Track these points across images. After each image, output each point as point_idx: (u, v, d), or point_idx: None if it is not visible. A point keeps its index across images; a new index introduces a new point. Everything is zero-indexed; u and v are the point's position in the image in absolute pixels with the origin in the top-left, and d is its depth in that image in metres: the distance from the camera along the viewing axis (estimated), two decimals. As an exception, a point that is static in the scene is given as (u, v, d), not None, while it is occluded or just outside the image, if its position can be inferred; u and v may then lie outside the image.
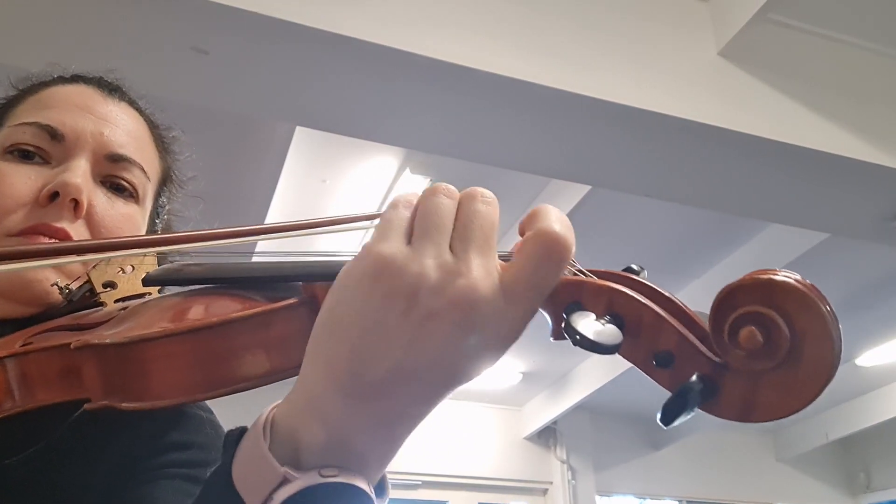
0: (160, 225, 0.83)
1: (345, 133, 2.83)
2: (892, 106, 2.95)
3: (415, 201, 0.45)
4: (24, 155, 0.71)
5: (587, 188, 3.52)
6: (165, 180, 0.84)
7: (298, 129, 3.08)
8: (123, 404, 0.50)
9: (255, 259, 0.59)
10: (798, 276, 0.40)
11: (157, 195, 0.83)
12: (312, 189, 3.89)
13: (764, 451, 7.04)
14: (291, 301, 0.50)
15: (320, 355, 0.44)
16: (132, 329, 0.52)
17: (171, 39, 2.22)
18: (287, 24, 2.16)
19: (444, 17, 2.39)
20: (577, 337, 0.41)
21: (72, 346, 0.53)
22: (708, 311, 0.43)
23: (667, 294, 0.45)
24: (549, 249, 0.43)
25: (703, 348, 0.41)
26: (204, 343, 0.49)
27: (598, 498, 6.73)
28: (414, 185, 3.71)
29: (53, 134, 0.72)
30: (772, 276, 0.39)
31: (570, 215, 3.72)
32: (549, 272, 0.43)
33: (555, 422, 6.36)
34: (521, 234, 0.45)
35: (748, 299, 0.40)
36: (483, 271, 0.42)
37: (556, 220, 0.44)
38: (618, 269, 0.48)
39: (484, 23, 2.45)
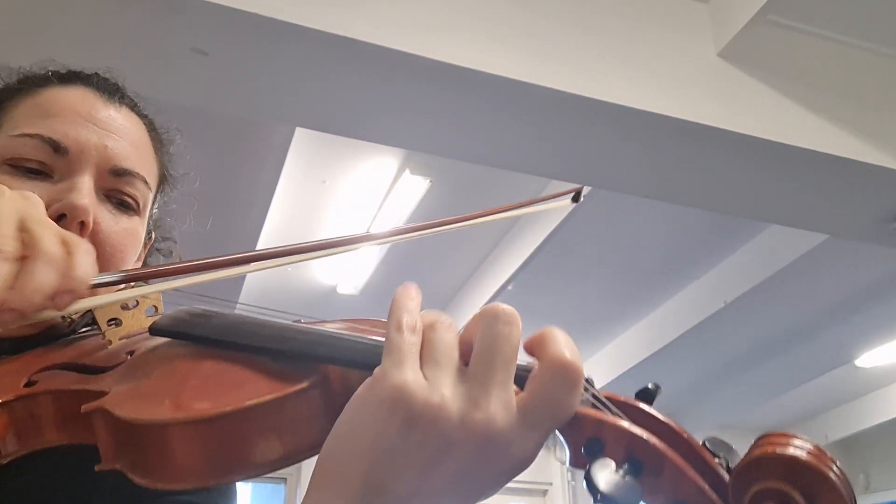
0: (150, 222, 0.82)
1: (345, 134, 2.83)
2: (892, 107, 2.95)
3: (417, 322, 0.45)
4: (25, 170, 0.69)
5: (587, 188, 3.52)
6: (161, 181, 0.83)
7: (298, 130, 3.08)
8: (135, 477, 0.49)
9: (263, 318, 0.58)
10: (814, 449, 0.40)
11: (154, 198, 0.82)
12: (312, 190, 3.89)
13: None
14: (304, 385, 0.50)
15: (331, 479, 0.43)
16: (143, 397, 0.52)
17: (170, 41, 2.22)
18: (287, 26, 2.16)
19: (445, 19, 2.40)
20: (599, 495, 0.41)
21: (82, 410, 0.52)
22: (714, 435, 0.45)
23: (686, 436, 0.45)
24: (563, 379, 0.43)
25: None
26: (218, 431, 0.48)
27: (597, 499, 6.72)
28: (414, 185, 3.71)
29: (57, 147, 0.70)
30: (794, 452, 0.39)
31: (570, 216, 3.73)
32: (564, 401, 0.43)
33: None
34: (528, 352, 0.45)
35: (769, 474, 0.40)
36: (501, 403, 0.42)
37: (565, 345, 0.44)
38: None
39: (483, 24, 2.45)
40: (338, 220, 4.16)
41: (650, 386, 0.48)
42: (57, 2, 2.10)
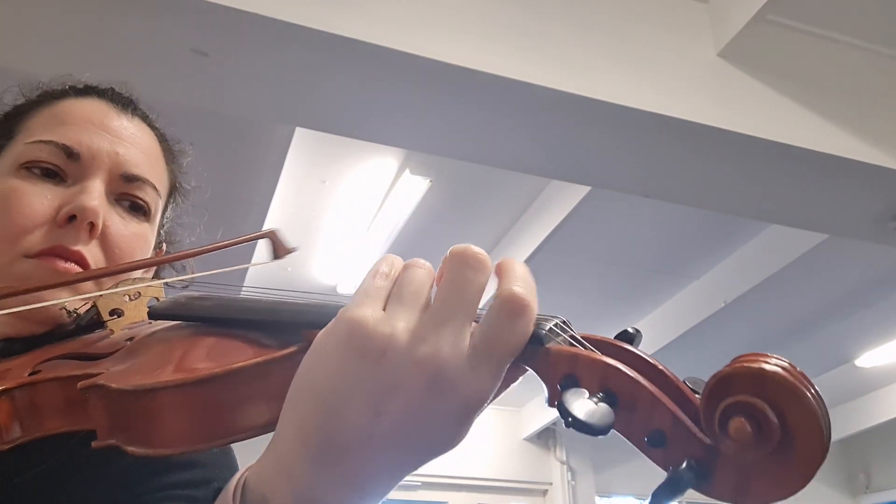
0: (162, 232, 0.85)
1: (344, 134, 2.83)
2: (892, 106, 2.95)
3: (391, 271, 0.47)
4: (39, 173, 0.72)
5: (587, 188, 3.52)
6: (172, 191, 0.86)
7: (298, 130, 3.08)
8: (129, 448, 0.51)
9: (258, 295, 0.60)
10: (787, 364, 0.40)
11: (165, 207, 0.84)
12: (312, 190, 3.89)
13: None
14: (291, 350, 0.51)
15: (292, 418, 0.44)
16: (137, 371, 0.53)
17: (170, 41, 2.22)
18: (287, 26, 2.16)
19: (445, 19, 2.40)
20: (570, 419, 0.40)
21: (78, 386, 0.54)
22: (702, 377, 0.44)
23: (661, 367, 0.45)
24: (509, 311, 0.43)
25: (696, 431, 0.41)
26: (206, 394, 0.49)
27: (597, 499, 6.73)
28: (414, 185, 3.71)
29: (70, 153, 0.73)
30: (762, 366, 0.39)
31: (570, 215, 3.73)
32: (511, 333, 0.43)
33: (554, 423, 6.36)
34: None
35: (738, 388, 0.40)
36: (453, 339, 0.42)
37: (519, 278, 0.44)
38: (613, 332, 0.48)
39: (483, 24, 2.45)
40: (338, 220, 4.16)
41: (630, 329, 0.48)
42: (57, 2, 2.10)
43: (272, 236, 0.73)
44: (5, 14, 2.12)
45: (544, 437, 6.60)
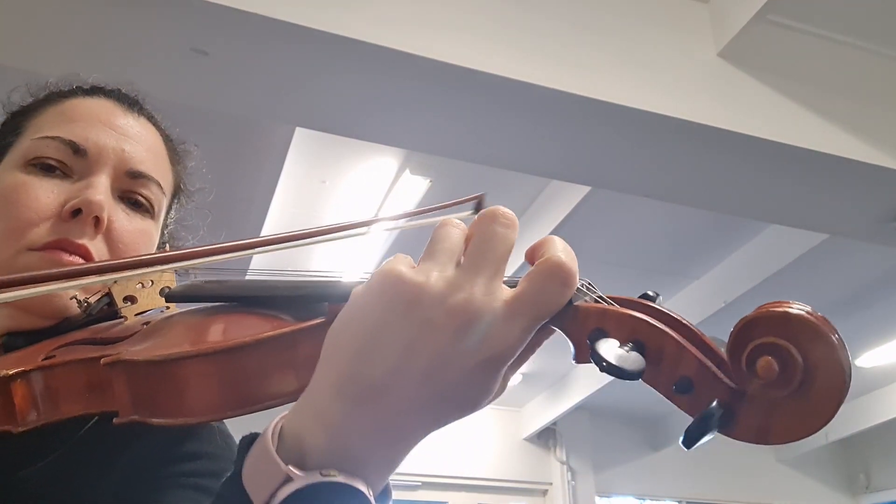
0: (166, 233, 0.85)
1: (344, 134, 2.83)
2: (892, 107, 2.95)
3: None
4: (46, 168, 0.73)
5: (587, 188, 3.52)
6: (176, 191, 0.86)
7: (298, 130, 3.08)
8: (153, 420, 0.51)
9: (272, 277, 0.60)
10: (810, 309, 0.42)
11: (169, 207, 0.85)
12: (312, 190, 3.89)
13: (764, 451, 7.04)
14: (319, 321, 0.51)
15: (328, 367, 0.46)
16: (162, 346, 0.53)
17: (170, 41, 2.22)
18: (287, 26, 2.16)
19: (445, 19, 2.40)
20: (604, 364, 0.43)
21: (102, 361, 0.54)
22: (719, 336, 0.46)
23: (685, 321, 0.47)
24: (553, 275, 0.45)
25: (721, 375, 0.43)
26: (235, 362, 0.50)
27: (597, 499, 6.73)
28: (413, 185, 3.71)
29: (76, 149, 0.74)
30: (787, 309, 0.42)
31: (570, 215, 3.73)
32: (551, 295, 0.45)
33: (554, 423, 6.36)
34: (529, 260, 0.47)
35: (765, 331, 0.42)
36: (484, 289, 0.44)
37: (562, 249, 0.46)
38: (633, 296, 0.50)
39: (483, 24, 2.45)
40: (338, 220, 4.15)
41: (650, 292, 0.50)
42: (58, 2, 2.10)
43: (482, 200, 0.72)
44: (7, 13, 2.12)
45: (544, 437, 6.59)
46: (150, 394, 0.51)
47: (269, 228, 3.84)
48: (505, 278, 0.47)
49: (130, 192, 0.76)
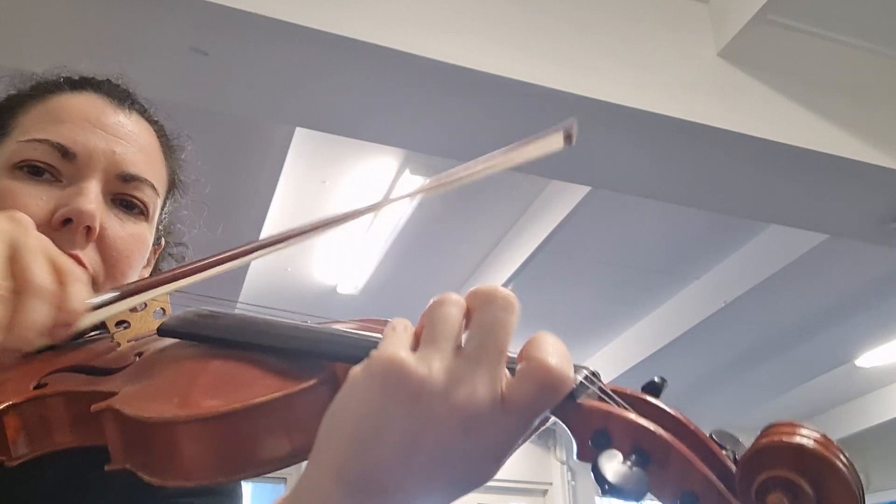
0: (161, 228, 0.83)
1: (344, 134, 2.83)
2: (892, 107, 2.95)
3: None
4: (34, 171, 0.70)
5: (587, 188, 3.52)
6: (171, 186, 0.84)
7: (298, 130, 3.08)
8: (145, 475, 0.50)
9: (271, 318, 0.58)
10: (821, 437, 0.40)
11: (164, 203, 0.82)
12: (312, 190, 3.89)
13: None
14: (313, 382, 0.50)
15: (326, 454, 0.45)
16: (153, 397, 0.52)
17: (170, 40, 2.22)
18: (287, 25, 2.16)
19: (445, 19, 2.40)
20: (606, 486, 0.41)
21: (92, 409, 0.53)
22: (724, 429, 0.45)
23: (691, 426, 0.45)
24: (542, 382, 0.43)
25: (727, 496, 0.42)
26: (227, 428, 0.49)
27: (597, 499, 6.73)
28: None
29: (65, 153, 0.71)
30: (801, 441, 0.40)
31: (570, 215, 3.73)
32: (544, 399, 0.43)
33: (554, 422, 6.35)
34: (519, 359, 0.45)
35: (776, 462, 0.40)
36: (489, 382, 0.43)
37: (552, 351, 0.44)
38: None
39: (483, 24, 2.45)
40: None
41: (656, 379, 0.48)
42: (57, 2, 2.10)
43: (571, 129, 0.64)
44: (4, 13, 2.12)
45: (544, 437, 6.59)
46: (141, 448, 0.50)
47: (269, 228, 3.83)
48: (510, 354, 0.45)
49: (123, 195, 0.74)
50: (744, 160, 2.80)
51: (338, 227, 0.63)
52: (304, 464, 0.48)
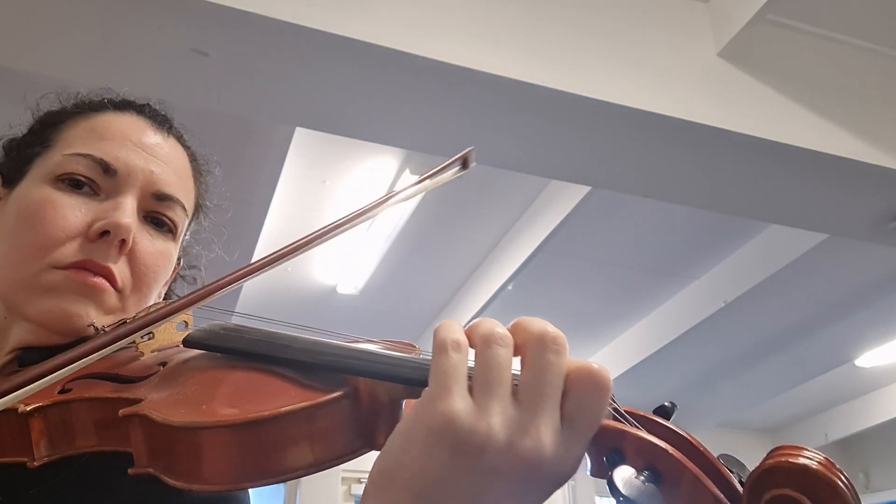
0: (181, 247, 0.86)
1: (344, 134, 2.83)
2: (892, 107, 2.95)
3: (462, 340, 0.45)
4: (74, 184, 0.73)
5: (587, 188, 3.52)
6: (196, 209, 0.87)
7: (298, 130, 3.08)
8: (168, 479, 0.51)
9: (295, 334, 0.60)
10: (823, 459, 0.43)
11: (188, 224, 0.86)
12: (312, 190, 3.89)
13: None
14: (337, 394, 0.51)
15: (385, 495, 0.44)
16: (181, 404, 0.53)
17: (171, 41, 2.22)
18: (287, 26, 2.16)
19: (444, 19, 2.40)
20: (620, 498, 0.43)
21: (120, 413, 0.54)
22: (724, 453, 0.48)
23: (701, 447, 0.47)
24: (596, 388, 0.44)
25: None
26: (254, 435, 0.50)
27: (597, 499, 6.73)
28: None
29: (106, 168, 0.74)
30: (805, 462, 0.43)
31: (570, 215, 3.73)
32: (599, 414, 0.44)
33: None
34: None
35: (782, 482, 0.43)
36: (550, 430, 0.43)
37: (588, 363, 0.45)
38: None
39: (483, 24, 2.45)
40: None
41: (667, 404, 0.50)
42: (58, 3, 2.10)
43: (469, 155, 0.70)
44: (7, 14, 2.12)
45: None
46: (166, 453, 0.52)
47: (268, 229, 3.84)
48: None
49: (155, 213, 0.77)
50: (744, 160, 2.80)
51: (332, 235, 0.65)
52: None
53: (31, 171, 0.76)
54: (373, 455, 0.51)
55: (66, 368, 0.52)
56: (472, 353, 0.46)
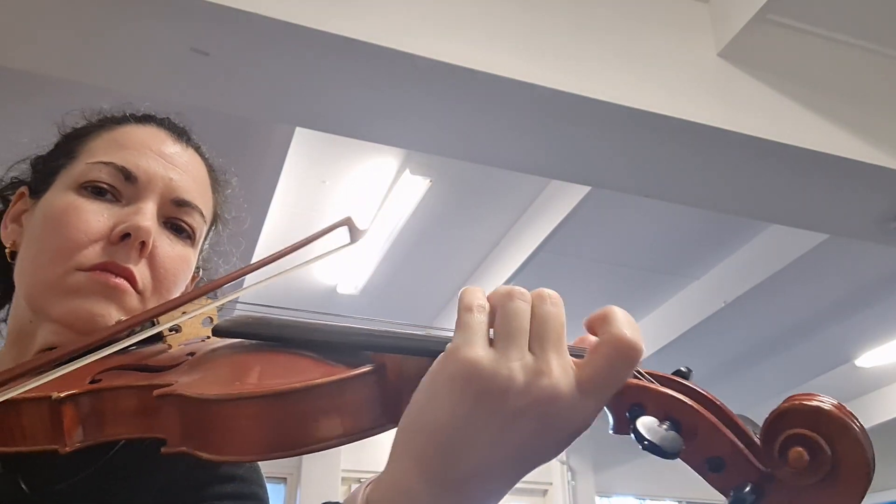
0: (200, 258, 0.89)
1: (344, 134, 2.83)
2: (892, 106, 2.95)
3: (485, 303, 0.49)
4: (97, 191, 0.77)
5: (587, 188, 3.52)
6: (215, 219, 0.91)
7: (298, 129, 3.08)
8: (201, 453, 0.53)
9: (319, 320, 0.63)
10: (837, 403, 0.46)
11: (207, 233, 0.89)
12: (312, 190, 3.89)
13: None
14: (366, 369, 0.54)
15: (410, 451, 0.48)
16: (214, 383, 0.56)
17: (171, 41, 2.22)
18: (287, 26, 2.16)
19: (444, 19, 2.40)
20: (646, 442, 0.47)
21: (155, 393, 0.56)
22: (741, 412, 0.51)
23: (717, 401, 0.51)
24: (623, 354, 0.47)
25: (752, 459, 0.47)
26: (287, 406, 0.52)
27: (597, 499, 6.74)
28: (413, 185, 3.71)
29: (127, 175, 0.77)
30: (819, 404, 0.45)
31: (570, 215, 3.73)
32: (621, 373, 0.48)
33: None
34: (590, 331, 0.51)
35: (797, 422, 0.46)
36: (561, 370, 0.47)
37: (628, 324, 0.48)
38: (666, 371, 0.54)
39: (483, 24, 2.45)
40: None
41: (683, 368, 0.54)
42: (58, 3, 2.10)
43: (349, 223, 0.77)
44: (6, 14, 2.12)
45: (544, 437, 6.59)
46: (200, 429, 0.54)
47: (269, 228, 3.84)
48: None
49: (175, 218, 0.80)
50: (744, 160, 2.80)
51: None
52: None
53: (56, 181, 0.79)
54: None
55: (98, 351, 0.56)
56: None
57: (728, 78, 2.74)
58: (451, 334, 0.49)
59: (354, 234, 0.77)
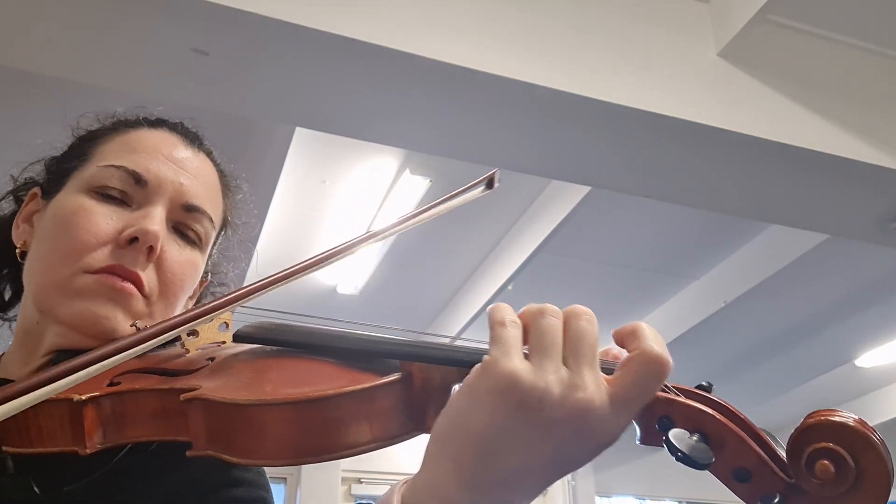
0: (210, 263, 0.89)
1: (344, 134, 2.83)
2: (892, 107, 2.95)
3: (517, 319, 0.51)
4: (107, 194, 0.77)
5: (587, 188, 3.52)
6: (224, 224, 0.90)
7: (298, 129, 3.08)
8: (228, 457, 0.54)
9: (336, 327, 0.63)
10: (858, 418, 0.48)
11: (216, 238, 0.89)
12: (312, 190, 3.89)
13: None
14: (394, 378, 0.55)
15: (447, 455, 0.50)
16: (239, 388, 0.56)
17: (171, 41, 2.22)
18: (287, 26, 2.16)
19: (444, 19, 2.40)
20: (679, 454, 0.49)
21: (182, 397, 0.56)
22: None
23: (741, 415, 0.53)
24: (653, 369, 0.49)
25: (777, 470, 0.50)
26: (316, 412, 0.53)
27: (597, 499, 6.74)
28: (413, 185, 3.71)
29: (138, 179, 0.77)
30: (844, 420, 0.48)
31: (570, 215, 3.73)
32: (651, 387, 0.50)
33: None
34: (619, 344, 0.52)
35: (823, 437, 0.48)
36: (595, 385, 0.49)
37: (656, 340, 0.51)
38: (689, 385, 0.56)
39: (483, 24, 2.45)
40: (338, 220, 4.16)
41: (704, 383, 0.56)
42: (59, 3, 2.10)
43: (494, 176, 0.78)
44: (7, 14, 2.12)
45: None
46: (228, 432, 0.54)
47: (269, 228, 3.84)
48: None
49: (183, 223, 0.80)
50: (744, 160, 2.80)
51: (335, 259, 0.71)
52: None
53: (68, 183, 0.79)
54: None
55: (117, 357, 0.55)
56: None
57: (728, 78, 2.74)
58: (474, 345, 0.50)
59: (492, 185, 0.78)
